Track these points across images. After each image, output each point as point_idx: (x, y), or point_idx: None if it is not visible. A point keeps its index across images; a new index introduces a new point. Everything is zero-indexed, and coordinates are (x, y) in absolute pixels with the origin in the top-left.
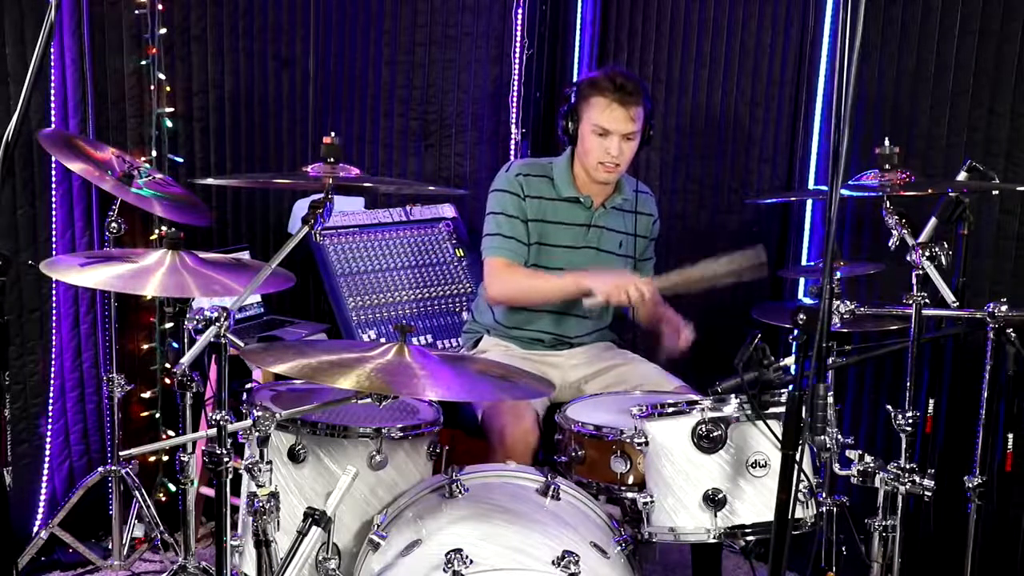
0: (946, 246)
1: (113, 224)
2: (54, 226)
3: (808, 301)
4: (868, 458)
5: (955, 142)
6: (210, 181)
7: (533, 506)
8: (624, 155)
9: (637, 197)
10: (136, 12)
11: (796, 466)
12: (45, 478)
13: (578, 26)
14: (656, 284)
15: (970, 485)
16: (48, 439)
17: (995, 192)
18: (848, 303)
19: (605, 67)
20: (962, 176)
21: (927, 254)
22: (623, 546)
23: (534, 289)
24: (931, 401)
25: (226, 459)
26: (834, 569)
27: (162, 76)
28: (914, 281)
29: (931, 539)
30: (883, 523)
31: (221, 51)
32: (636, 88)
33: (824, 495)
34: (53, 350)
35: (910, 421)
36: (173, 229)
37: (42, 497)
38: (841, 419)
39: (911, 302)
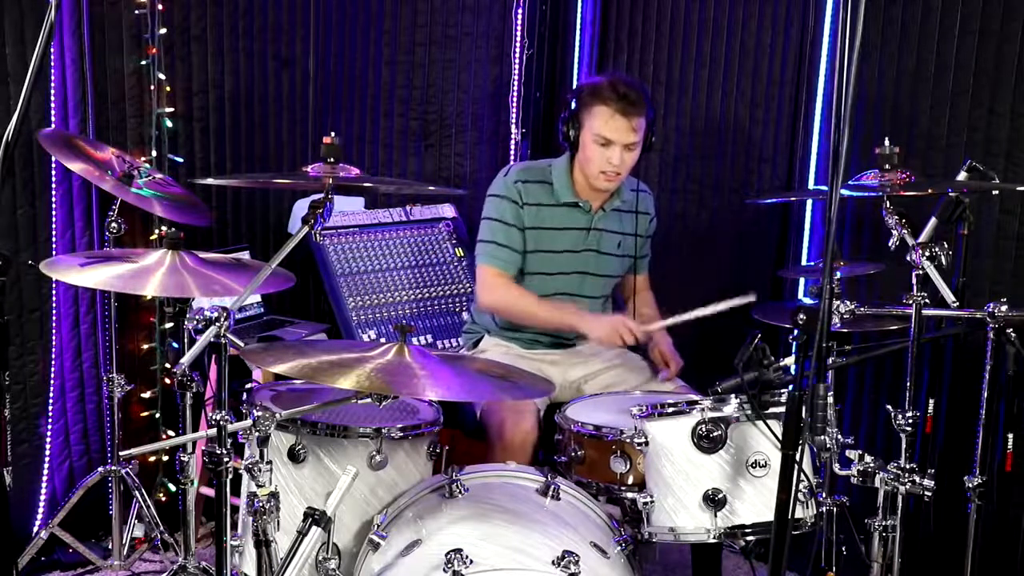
0: (946, 246)
1: (113, 224)
2: (54, 226)
3: (808, 301)
4: (868, 458)
5: (955, 142)
6: (210, 181)
7: (533, 506)
8: (625, 164)
9: (637, 196)
10: (136, 12)
11: (796, 466)
12: (45, 478)
13: (578, 26)
14: (650, 328)
15: (970, 485)
16: (48, 439)
17: (995, 192)
18: (848, 303)
19: (606, 73)
20: (962, 176)
21: (927, 254)
22: (623, 546)
23: (524, 313)
24: (931, 401)
25: (226, 459)
26: (834, 569)
27: (162, 76)
28: (914, 281)
29: (931, 539)
30: (883, 523)
31: (221, 51)
32: (639, 97)
33: (824, 495)
34: (53, 350)
35: (910, 421)
36: (173, 229)
37: (42, 497)
38: (841, 419)
39: (911, 302)
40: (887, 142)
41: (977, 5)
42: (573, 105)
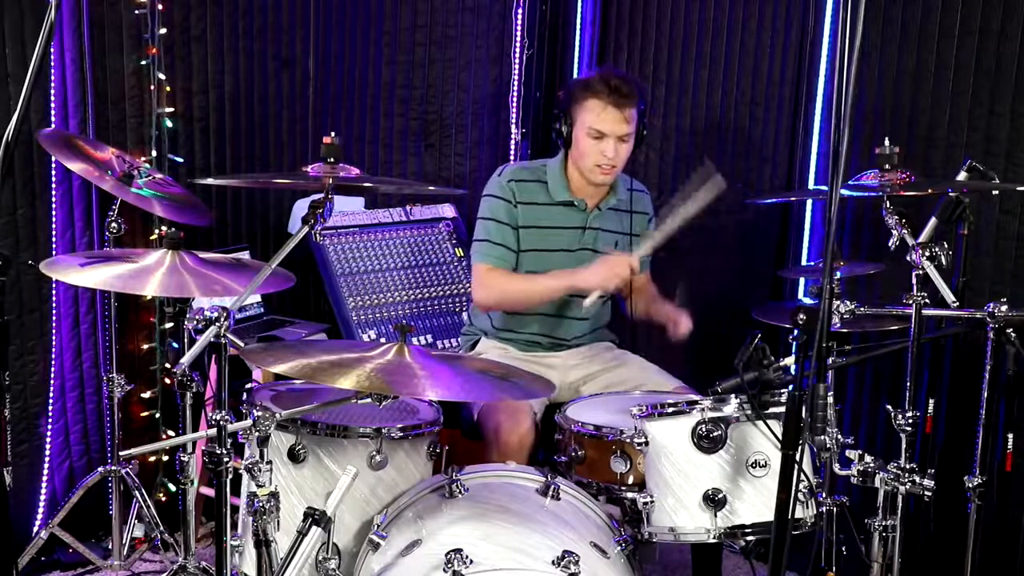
0: (946, 246)
1: (113, 224)
2: (54, 226)
3: (808, 301)
4: (868, 458)
5: (955, 142)
6: (210, 181)
7: (533, 506)
8: (620, 156)
9: (632, 196)
10: (136, 12)
11: (796, 466)
12: (45, 478)
13: (578, 26)
14: (641, 253)
15: (970, 485)
16: (48, 439)
17: (995, 192)
18: (848, 303)
19: (596, 68)
20: (962, 176)
21: (927, 254)
22: (623, 546)
23: (519, 292)
24: (931, 401)
25: (226, 459)
26: (834, 569)
27: (162, 76)
28: (914, 281)
29: (931, 539)
30: (883, 523)
31: (221, 51)
32: (630, 89)
33: (824, 495)
34: (53, 350)
35: (910, 421)
36: (173, 229)
37: (42, 497)
38: (841, 419)
39: (911, 302)
40: (887, 142)
41: (977, 5)
42: (564, 101)
